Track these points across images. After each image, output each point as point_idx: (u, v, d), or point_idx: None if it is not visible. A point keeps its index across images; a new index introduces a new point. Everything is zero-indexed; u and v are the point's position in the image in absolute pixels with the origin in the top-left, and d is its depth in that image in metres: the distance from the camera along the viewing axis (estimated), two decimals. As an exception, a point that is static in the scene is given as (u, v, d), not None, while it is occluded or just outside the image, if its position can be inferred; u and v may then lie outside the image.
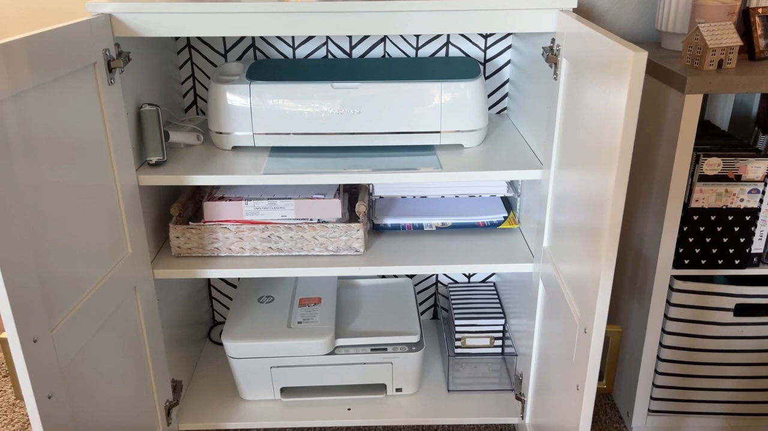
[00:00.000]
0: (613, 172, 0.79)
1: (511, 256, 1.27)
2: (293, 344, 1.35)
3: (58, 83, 0.91)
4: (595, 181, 0.87)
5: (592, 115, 0.89)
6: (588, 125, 0.90)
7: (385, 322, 1.45)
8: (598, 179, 0.85)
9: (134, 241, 1.15)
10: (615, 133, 0.79)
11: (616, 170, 0.79)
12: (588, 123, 0.90)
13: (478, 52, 1.46)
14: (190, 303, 1.53)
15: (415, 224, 1.36)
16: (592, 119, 0.88)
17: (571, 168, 0.99)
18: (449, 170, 1.17)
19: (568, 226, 1.01)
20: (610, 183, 0.80)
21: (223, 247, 1.26)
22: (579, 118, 0.95)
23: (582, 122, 0.93)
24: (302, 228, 1.25)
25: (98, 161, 1.03)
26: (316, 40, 1.44)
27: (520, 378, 1.39)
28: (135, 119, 1.17)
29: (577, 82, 0.96)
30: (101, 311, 1.04)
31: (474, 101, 1.24)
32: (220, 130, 1.25)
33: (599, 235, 0.84)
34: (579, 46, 0.94)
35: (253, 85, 1.22)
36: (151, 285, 1.22)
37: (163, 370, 1.29)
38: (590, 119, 0.89)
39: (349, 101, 1.22)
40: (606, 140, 0.82)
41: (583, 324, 0.89)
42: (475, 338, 1.54)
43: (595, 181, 0.87)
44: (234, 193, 1.28)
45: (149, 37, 1.26)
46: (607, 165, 0.82)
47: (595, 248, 0.86)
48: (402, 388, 1.45)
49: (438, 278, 1.70)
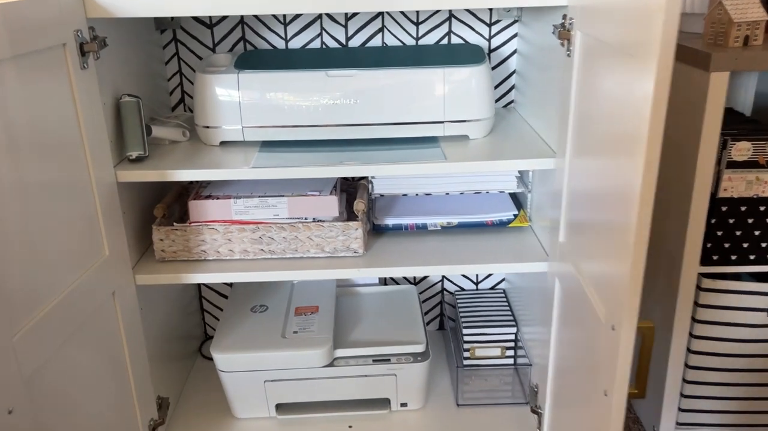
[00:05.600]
0: (641, 157, 0.69)
1: (524, 255, 1.17)
2: (288, 355, 1.24)
3: (23, 63, 0.82)
4: (618, 169, 0.77)
5: (612, 90, 0.79)
6: (608, 103, 0.81)
7: (388, 331, 1.35)
8: (623, 167, 0.75)
9: (112, 243, 1.05)
10: (642, 107, 0.69)
11: (645, 154, 0.68)
12: (608, 101, 0.81)
13: (482, 41, 1.38)
14: (179, 315, 1.43)
15: (419, 224, 1.26)
16: (613, 94, 0.79)
17: (589, 155, 0.90)
18: (455, 160, 1.08)
19: (589, 220, 0.91)
20: (638, 170, 0.70)
21: (210, 249, 1.16)
22: (597, 96, 0.86)
23: (601, 100, 0.84)
24: (296, 228, 1.15)
25: (71, 153, 0.94)
26: (309, 30, 1.36)
27: (535, 389, 1.28)
28: (113, 111, 1.08)
29: (594, 55, 0.87)
30: (73, 317, 0.94)
31: (480, 89, 1.15)
32: (207, 124, 1.16)
33: (626, 229, 0.74)
34: (595, 13, 0.85)
35: (242, 75, 1.13)
36: (132, 292, 1.12)
37: (147, 385, 1.19)
38: (611, 95, 0.80)
39: (345, 90, 1.13)
40: (630, 118, 0.73)
41: (610, 321, 0.79)
42: (485, 348, 1.43)
43: (619, 169, 0.77)
44: (222, 191, 1.19)
45: (130, 27, 1.18)
46: (633, 150, 0.72)
47: (622, 244, 0.76)
48: (407, 403, 1.34)
49: (444, 286, 1.59)
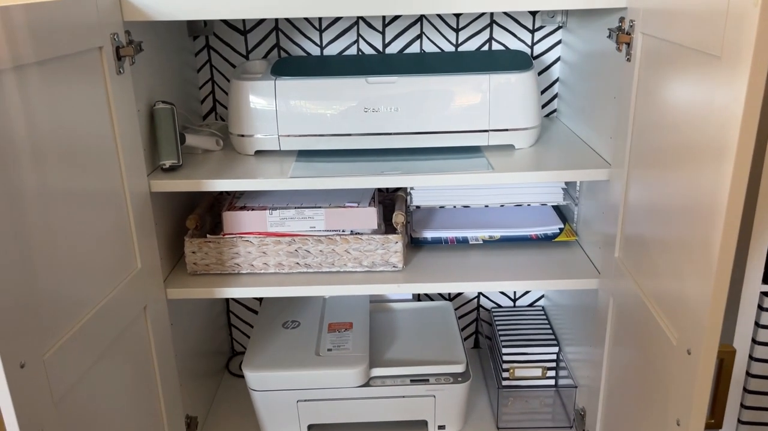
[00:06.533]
0: (729, 171, 0.63)
1: (573, 271, 1.11)
2: (323, 374, 1.19)
3: (60, 66, 0.78)
4: (695, 180, 0.71)
5: (686, 97, 0.74)
6: (680, 110, 0.75)
7: (426, 350, 1.29)
8: (702, 179, 0.69)
9: (144, 255, 1.01)
10: (729, 114, 0.63)
11: (733, 168, 0.63)
12: (680, 108, 0.75)
13: (525, 48, 1.33)
14: (208, 331, 1.38)
15: (459, 238, 1.21)
16: (688, 100, 0.73)
17: (655, 166, 0.84)
18: (501, 171, 1.02)
19: (655, 235, 0.85)
20: (724, 185, 0.64)
21: (244, 263, 1.11)
22: (664, 103, 0.80)
23: (670, 106, 0.78)
24: (333, 241, 1.10)
25: (104, 162, 0.90)
26: (345, 37, 1.31)
27: (582, 413, 1.21)
28: (147, 118, 1.05)
29: (660, 58, 0.81)
30: (105, 334, 0.89)
31: (526, 96, 1.09)
32: (242, 132, 1.12)
33: (707, 246, 0.68)
34: (664, 13, 0.80)
35: (279, 82, 1.09)
36: (163, 306, 1.07)
37: (177, 404, 1.14)
38: (684, 101, 0.74)
39: (385, 98, 1.08)
40: (712, 126, 0.67)
41: (685, 345, 0.73)
42: (525, 368, 1.37)
43: (697, 180, 0.71)
44: (257, 202, 1.14)
45: (164, 33, 1.14)
46: (717, 160, 0.66)
47: (702, 261, 0.70)
48: (446, 425, 1.28)
49: (480, 302, 1.53)
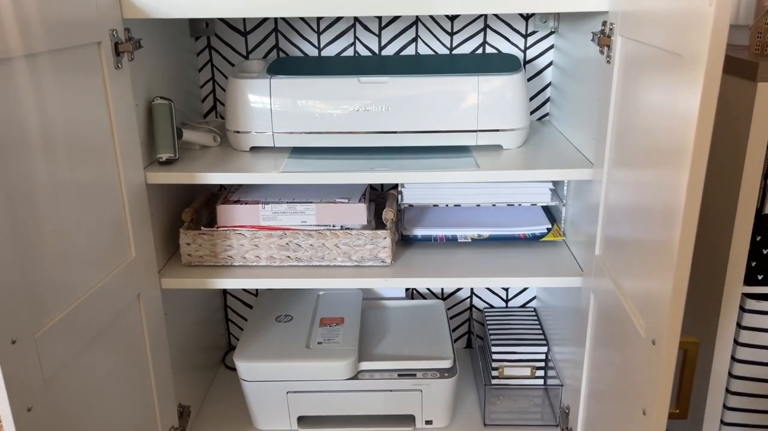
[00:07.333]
0: (686, 170, 0.66)
1: (557, 269, 1.13)
2: (312, 366, 1.22)
3: (58, 58, 0.82)
4: (660, 181, 0.74)
5: (655, 99, 0.76)
6: (650, 112, 0.78)
7: (415, 345, 1.31)
8: (666, 180, 0.72)
9: (139, 244, 1.05)
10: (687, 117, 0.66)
11: (689, 167, 0.65)
12: (650, 110, 0.78)
13: (518, 53, 1.36)
14: (204, 325, 1.41)
15: (448, 236, 1.23)
16: (656, 103, 0.76)
17: (629, 167, 0.86)
18: (487, 169, 1.05)
19: (628, 233, 0.87)
20: (682, 184, 0.67)
21: (237, 255, 1.15)
22: (638, 105, 0.83)
23: (642, 109, 0.81)
24: (323, 235, 1.13)
25: (101, 153, 0.94)
26: (342, 39, 1.35)
27: (566, 411, 1.23)
28: (146, 113, 1.08)
29: (636, 61, 0.84)
30: (97, 317, 0.92)
31: (514, 97, 1.12)
32: (238, 129, 1.16)
33: (669, 244, 0.70)
34: (638, 17, 0.82)
35: (274, 80, 1.12)
36: (157, 295, 1.11)
37: (169, 392, 1.17)
38: (653, 103, 0.77)
39: (377, 97, 1.11)
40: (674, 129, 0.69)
41: (651, 335, 0.75)
42: (514, 367, 1.39)
43: (661, 181, 0.73)
44: (251, 197, 1.18)
45: (165, 32, 1.18)
46: (677, 162, 0.68)
47: (664, 258, 0.72)
48: (433, 420, 1.30)
49: (472, 302, 1.55)
